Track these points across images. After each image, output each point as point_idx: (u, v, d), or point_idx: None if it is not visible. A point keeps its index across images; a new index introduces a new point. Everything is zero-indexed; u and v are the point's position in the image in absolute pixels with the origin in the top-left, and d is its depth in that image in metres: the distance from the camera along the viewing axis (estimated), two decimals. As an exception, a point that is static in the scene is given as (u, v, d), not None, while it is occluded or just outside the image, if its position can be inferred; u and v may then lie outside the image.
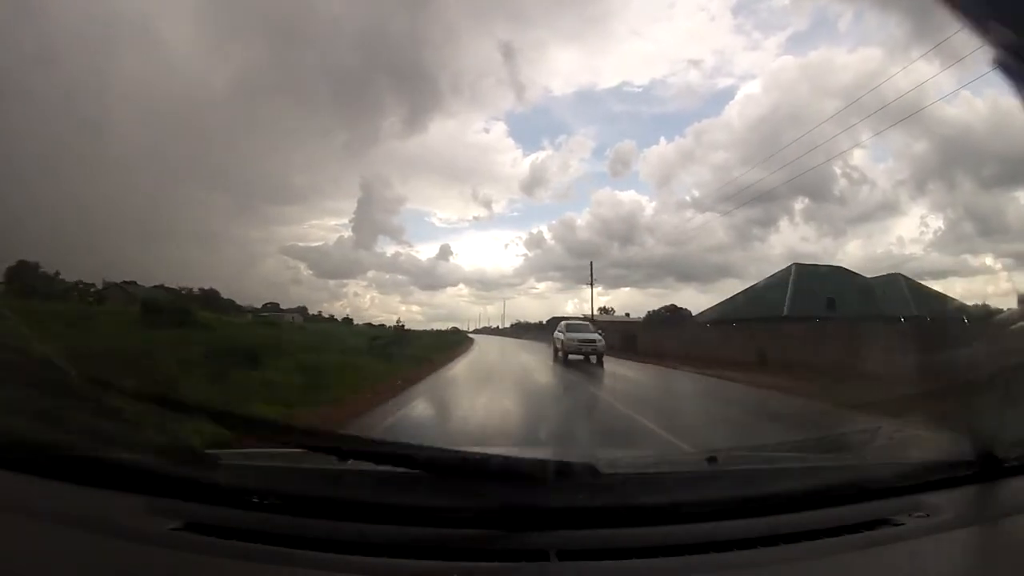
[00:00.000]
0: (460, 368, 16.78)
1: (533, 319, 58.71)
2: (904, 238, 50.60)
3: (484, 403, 9.20)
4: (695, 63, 63.86)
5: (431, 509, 1.09)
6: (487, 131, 70.81)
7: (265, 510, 1.09)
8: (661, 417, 7.57)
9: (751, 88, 55.14)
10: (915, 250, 43.73)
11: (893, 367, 10.56)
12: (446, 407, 9.05)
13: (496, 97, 78.49)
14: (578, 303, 62.22)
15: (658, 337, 28.40)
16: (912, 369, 9.25)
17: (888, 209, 44.94)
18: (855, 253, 45.41)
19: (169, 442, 1.46)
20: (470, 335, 54.40)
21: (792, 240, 46.21)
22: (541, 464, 1.14)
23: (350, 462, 1.36)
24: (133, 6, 42.61)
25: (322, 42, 51.85)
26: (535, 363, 18.13)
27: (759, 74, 58.56)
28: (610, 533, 1.07)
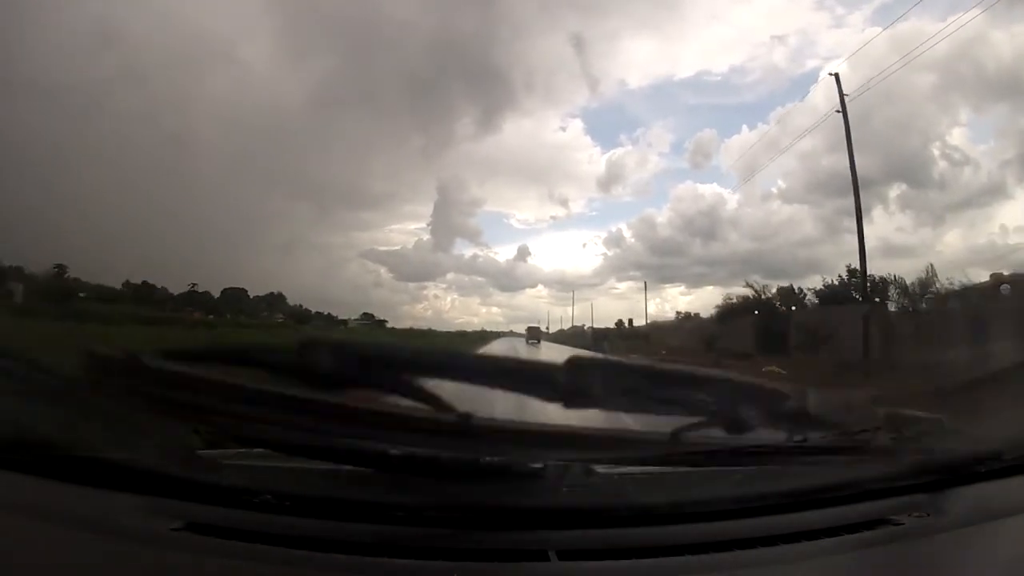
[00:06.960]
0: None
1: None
2: (1008, 226, 40.06)
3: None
4: (777, 44, 58.36)
5: (431, 509, 1.09)
6: (563, 129, 69.27)
7: (267, 510, 1.09)
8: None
9: (837, 67, 50.38)
10: (1022, 239, 36.23)
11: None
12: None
13: (570, 93, 76.98)
14: (659, 303, 60.20)
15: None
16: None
17: (991, 193, 37.02)
18: (954, 244, 37.79)
19: (169, 442, 1.46)
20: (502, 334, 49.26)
21: (887, 231, 37.68)
22: (539, 462, 1.14)
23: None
24: (215, 26, 42.70)
25: (394, 49, 51.38)
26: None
27: (844, 52, 50.37)
28: (610, 533, 1.07)
